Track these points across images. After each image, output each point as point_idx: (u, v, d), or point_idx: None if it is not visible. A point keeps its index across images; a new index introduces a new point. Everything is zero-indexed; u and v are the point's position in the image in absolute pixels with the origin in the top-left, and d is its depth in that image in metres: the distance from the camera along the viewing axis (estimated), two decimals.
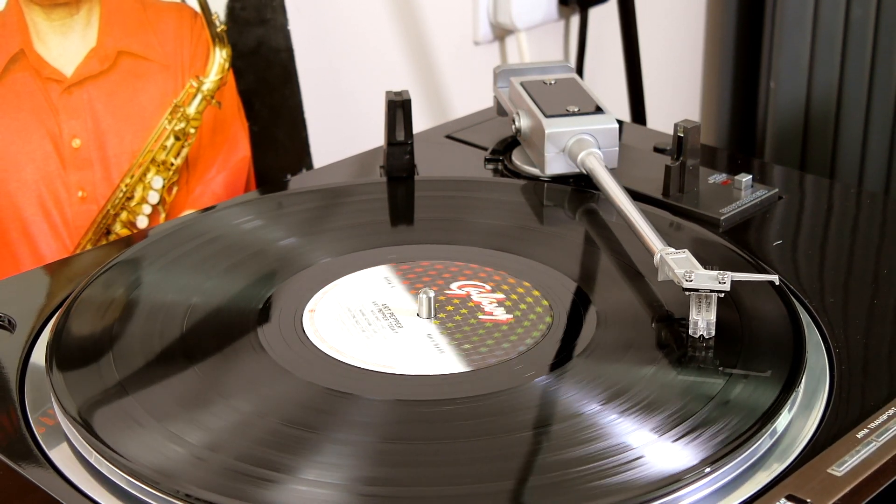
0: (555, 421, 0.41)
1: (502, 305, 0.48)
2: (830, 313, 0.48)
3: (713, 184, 0.59)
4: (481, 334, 0.46)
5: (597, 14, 0.93)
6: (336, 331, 0.46)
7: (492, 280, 0.50)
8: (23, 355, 0.46)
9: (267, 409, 0.42)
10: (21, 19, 0.62)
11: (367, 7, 0.81)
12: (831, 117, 1.01)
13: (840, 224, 0.57)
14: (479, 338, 0.46)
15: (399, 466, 0.39)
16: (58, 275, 0.53)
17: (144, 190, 0.67)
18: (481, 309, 0.48)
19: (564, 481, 0.38)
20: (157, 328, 0.46)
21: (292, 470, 0.39)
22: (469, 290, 0.49)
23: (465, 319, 0.47)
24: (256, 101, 0.71)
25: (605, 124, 0.59)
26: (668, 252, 0.47)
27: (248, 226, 0.55)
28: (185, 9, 0.67)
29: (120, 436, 0.40)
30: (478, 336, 0.46)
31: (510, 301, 0.48)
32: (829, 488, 0.38)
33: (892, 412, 0.42)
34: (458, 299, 0.48)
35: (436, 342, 0.46)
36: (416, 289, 0.49)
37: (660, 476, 0.38)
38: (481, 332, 0.46)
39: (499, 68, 0.65)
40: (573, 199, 0.58)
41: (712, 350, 0.45)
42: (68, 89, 0.64)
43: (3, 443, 0.42)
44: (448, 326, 0.47)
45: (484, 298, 0.48)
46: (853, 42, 0.98)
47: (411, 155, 0.60)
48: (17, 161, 0.63)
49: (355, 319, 0.47)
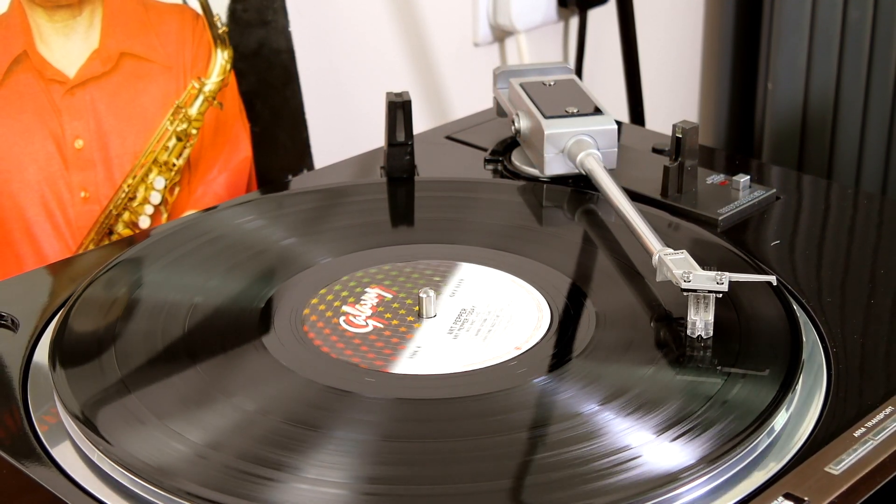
0: (554, 420, 0.41)
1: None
2: (828, 313, 0.48)
3: (711, 184, 0.59)
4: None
5: (596, 15, 0.94)
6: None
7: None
8: (26, 354, 0.46)
9: (268, 408, 0.42)
10: (24, 21, 0.62)
11: (367, 9, 0.81)
12: (829, 118, 1.02)
13: (837, 224, 0.57)
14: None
15: (400, 465, 0.39)
16: (60, 275, 0.53)
17: (146, 190, 0.67)
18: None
19: (564, 480, 0.38)
20: (159, 327, 0.46)
21: (294, 468, 0.39)
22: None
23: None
24: (258, 102, 0.71)
25: (603, 125, 0.59)
26: (666, 252, 0.47)
27: (249, 226, 0.55)
28: (186, 10, 0.67)
29: (122, 434, 0.40)
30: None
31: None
32: (826, 487, 0.38)
33: (888, 411, 0.42)
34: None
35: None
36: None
37: (658, 475, 0.38)
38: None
39: (498, 69, 0.65)
40: (572, 199, 0.58)
41: (710, 350, 0.45)
42: (71, 90, 0.64)
43: (6, 441, 0.42)
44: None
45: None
46: (850, 44, 0.98)
47: (411, 156, 0.60)
48: (20, 161, 0.63)
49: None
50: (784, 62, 1.01)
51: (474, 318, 0.48)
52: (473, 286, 0.50)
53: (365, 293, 0.49)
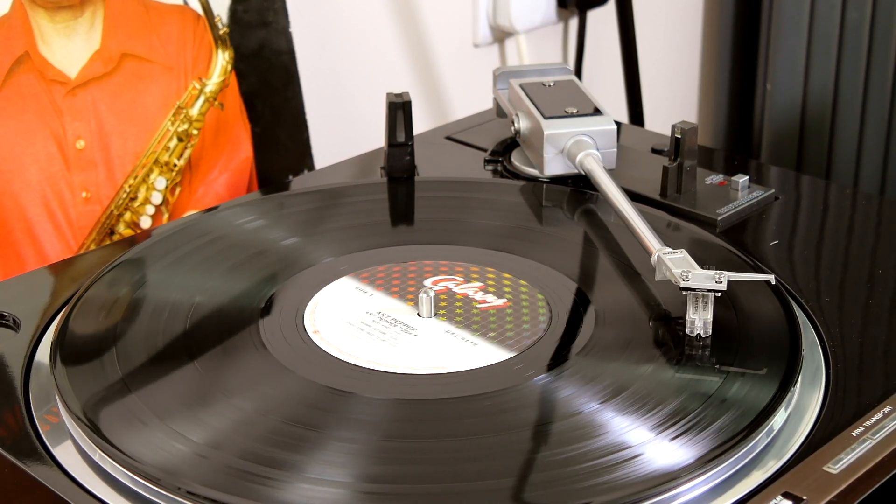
0: (554, 419, 0.42)
1: (487, 292, 0.48)
2: (826, 313, 0.48)
3: (710, 184, 0.59)
4: (494, 320, 0.47)
5: (595, 16, 0.94)
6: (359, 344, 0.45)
7: (455, 272, 0.50)
8: (27, 354, 0.46)
9: (269, 408, 0.42)
10: (25, 22, 0.62)
11: (367, 10, 0.81)
12: (827, 119, 1.02)
13: (836, 224, 0.57)
14: (495, 324, 0.46)
15: (399, 464, 0.39)
16: (62, 275, 0.53)
17: (148, 191, 0.67)
18: (473, 299, 0.48)
19: (563, 478, 0.38)
20: (161, 327, 0.47)
21: (294, 468, 0.39)
22: (445, 284, 0.49)
23: (468, 311, 0.48)
24: (258, 103, 0.72)
25: (603, 126, 0.59)
26: (665, 252, 0.47)
27: (250, 226, 0.55)
28: (187, 11, 0.67)
29: (123, 433, 0.40)
30: (493, 322, 0.47)
31: (489, 286, 0.49)
32: (824, 486, 0.38)
33: (887, 410, 0.42)
34: (444, 295, 0.49)
35: (461, 336, 0.46)
36: (395, 292, 0.49)
37: (657, 473, 0.38)
38: (493, 319, 0.47)
39: (498, 70, 0.65)
40: (572, 199, 0.58)
41: (709, 349, 0.45)
42: (72, 91, 0.64)
43: (8, 440, 0.42)
44: (458, 321, 0.47)
45: (465, 289, 0.49)
46: (849, 44, 0.98)
47: (412, 156, 0.60)
48: (21, 162, 0.63)
49: (365, 331, 0.46)
50: (783, 63, 1.01)
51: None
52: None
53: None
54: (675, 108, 1.07)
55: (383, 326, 0.47)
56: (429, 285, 0.49)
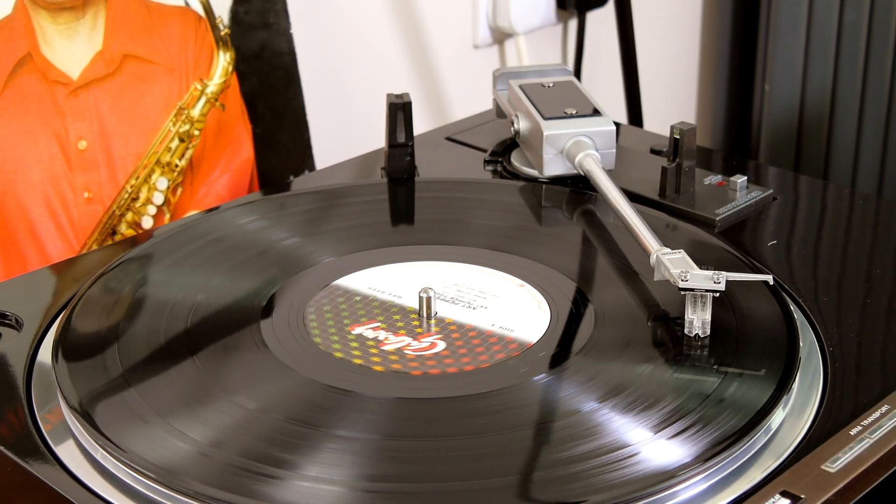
0: (553, 418, 0.42)
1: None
2: (824, 312, 0.48)
3: (709, 185, 0.59)
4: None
5: (594, 18, 0.94)
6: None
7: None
8: (30, 353, 0.47)
9: (270, 406, 0.42)
10: (28, 23, 0.62)
11: (368, 11, 0.81)
12: (825, 120, 1.02)
13: (833, 225, 0.57)
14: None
15: (400, 463, 0.39)
16: (64, 274, 0.53)
17: (149, 191, 0.67)
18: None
19: (563, 477, 0.38)
20: (162, 326, 0.47)
21: (295, 466, 0.39)
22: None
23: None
24: (259, 104, 0.72)
25: (602, 126, 0.59)
26: (664, 252, 0.47)
27: (251, 226, 0.55)
28: (189, 13, 0.68)
29: (125, 432, 0.40)
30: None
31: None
32: (822, 484, 0.38)
33: (884, 410, 0.42)
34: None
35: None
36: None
37: (656, 472, 0.38)
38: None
39: (498, 71, 0.65)
40: (571, 200, 0.58)
41: (707, 349, 0.45)
42: (74, 92, 0.64)
43: (11, 439, 0.42)
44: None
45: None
46: (846, 46, 0.99)
47: (412, 156, 0.60)
48: (24, 162, 0.63)
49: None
50: (781, 64, 1.02)
51: (474, 317, 0.48)
52: (473, 286, 0.50)
53: (365, 293, 0.50)
54: (673, 109, 1.07)
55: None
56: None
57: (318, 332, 0.47)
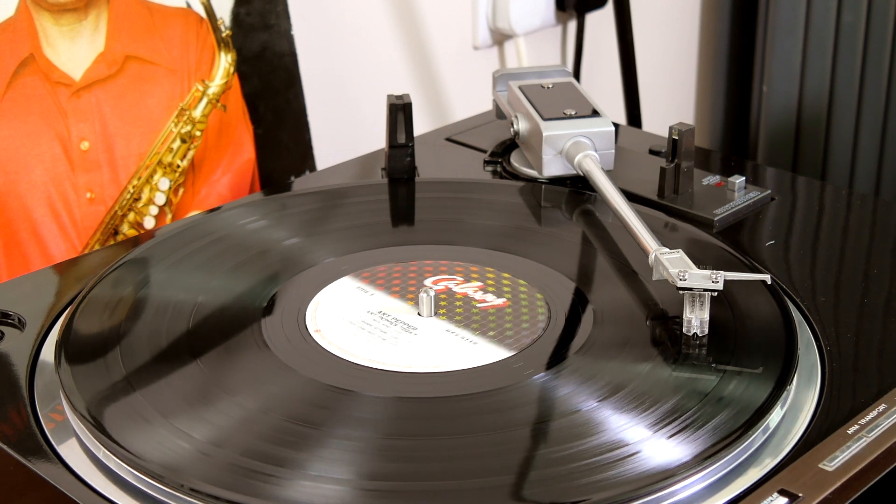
0: (552, 417, 0.42)
1: (486, 291, 0.49)
2: (822, 312, 0.48)
3: (707, 185, 0.59)
4: (493, 320, 0.47)
5: (593, 19, 0.94)
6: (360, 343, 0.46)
7: (455, 272, 0.50)
8: (32, 353, 0.47)
9: (271, 406, 0.42)
10: (31, 25, 0.62)
11: (369, 13, 0.81)
12: (822, 120, 1.02)
13: (831, 225, 0.57)
14: (495, 323, 0.47)
15: (399, 462, 0.39)
16: (66, 274, 0.53)
17: (151, 191, 0.67)
18: (472, 298, 0.49)
19: (562, 475, 0.38)
20: (164, 326, 0.47)
21: (296, 465, 0.39)
22: (445, 283, 0.50)
23: (468, 310, 0.48)
24: (261, 105, 0.72)
25: (601, 127, 0.59)
26: (662, 252, 0.47)
27: (252, 226, 0.55)
28: (191, 14, 0.68)
29: (127, 431, 0.41)
30: (493, 322, 0.47)
31: (488, 286, 0.49)
32: (820, 483, 0.39)
33: (881, 408, 0.42)
34: (444, 294, 0.49)
35: (461, 336, 0.46)
36: (395, 292, 0.49)
37: (655, 471, 0.38)
38: (492, 318, 0.47)
39: (498, 72, 0.66)
40: (570, 200, 0.58)
41: (706, 348, 0.45)
42: (77, 93, 0.64)
43: (13, 438, 0.42)
44: (458, 320, 0.47)
45: (465, 289, 0.49)
46: (844, 47, 0.99)
47: (412, 157, 0.61)
48: (26, 163, 0.63)
49: (366, 330, 0.46)
50: (779, 65, 1.02)
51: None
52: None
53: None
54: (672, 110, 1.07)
55: (384, 326, 0.47)
56: (429, 285, 0.50)
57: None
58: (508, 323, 0.47)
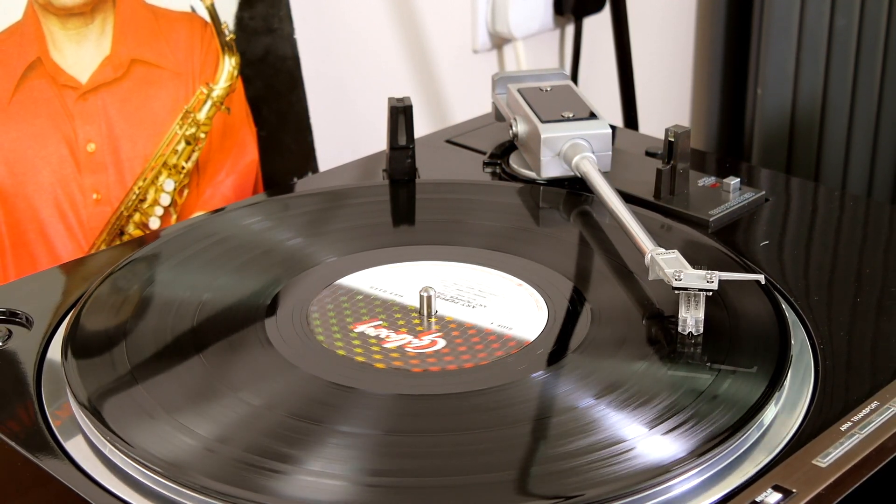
0: (550, 414, 0.42)
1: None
2: (815, 311, 0.49)
3: (702, 186, 0.59)
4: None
5: (591, 23, 0.94)
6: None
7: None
8: (40, 351, 0.47)
9: (274, 403, 0.42)
10: (38, 28, 0.63)
11: (370, 17, 0.82)
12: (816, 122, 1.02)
13: (824, 225, 0.57)
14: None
15: (401, 458, 0.40)
16: (73, 274, 0.54)
17: (156, 192, 0.68)
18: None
19: (560, 472, 0.39)
20: (169, 324, 0.47)
21: (299, 461, 0.39)
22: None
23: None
24: (264, 107, 0.72)
25: (598, 129, 0.59)
26: (658, 252, 0.47)
27: (256, 227, 0.55)
28: (195, 19, 0.68)
29: (132, 427, 0.41)
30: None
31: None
32: (813, 479, 0.39)
33: (874, 406, 0.42)
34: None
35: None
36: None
37: (651, 467, 0.39)
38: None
39: (497, 75, 0.66)
40: (568, 201, 0.58)
41: (701, 346, 0.45)
42: (83, 96, 0.64)
43: (21, 435, 0.42)
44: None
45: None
46: (837, 50, 0.99)
47: (413, 159, 0.61)
48: (34, 165, 0.63)
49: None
50: (773, 68, 1.02)
51: (473, 315, 0.49)
52: (472, 286, 0.51)
53: (367, 292, 0.50)
54: (668, 112, 1.07)
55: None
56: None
57: (322, 329, 0.47)
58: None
